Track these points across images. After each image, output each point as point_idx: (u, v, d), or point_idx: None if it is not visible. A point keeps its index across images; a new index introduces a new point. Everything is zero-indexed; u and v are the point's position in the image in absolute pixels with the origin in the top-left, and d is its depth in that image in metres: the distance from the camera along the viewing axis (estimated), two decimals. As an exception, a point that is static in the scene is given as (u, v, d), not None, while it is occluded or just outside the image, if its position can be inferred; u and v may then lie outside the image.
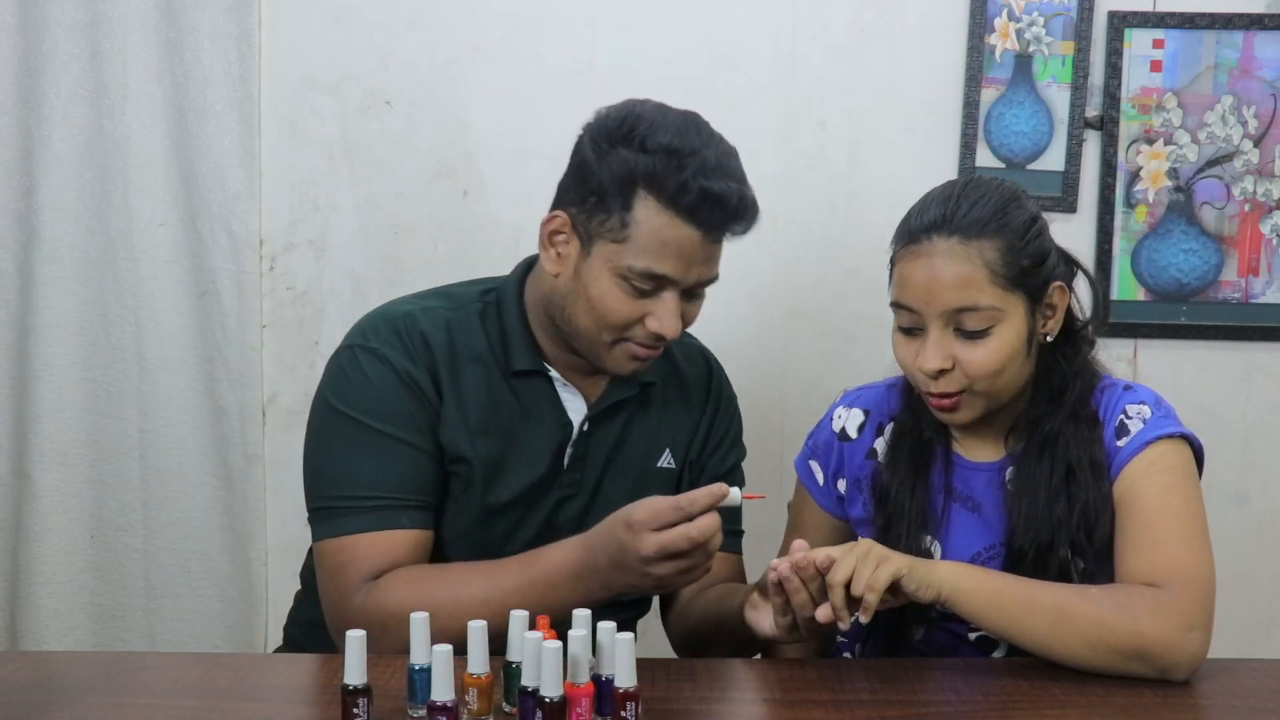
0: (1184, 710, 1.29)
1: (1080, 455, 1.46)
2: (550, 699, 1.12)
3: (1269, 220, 2.28)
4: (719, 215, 1.45)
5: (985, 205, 1.44)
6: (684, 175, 1.42)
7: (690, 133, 1.45)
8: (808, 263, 2.28)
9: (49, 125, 2.21)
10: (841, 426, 1.63)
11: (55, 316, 2.24)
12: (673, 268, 1.45)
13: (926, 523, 1.52)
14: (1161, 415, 1.47)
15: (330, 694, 1.25)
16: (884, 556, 1.32)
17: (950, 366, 1.43)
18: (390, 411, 1.49)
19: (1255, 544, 2.35)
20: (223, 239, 2.25)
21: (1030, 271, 1.44)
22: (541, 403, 1.57)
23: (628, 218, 1.44)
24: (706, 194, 1.43)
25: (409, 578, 1.44)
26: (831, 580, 1.30)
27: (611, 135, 1.47)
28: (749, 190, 1.48)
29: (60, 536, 2.27)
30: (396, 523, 1.47)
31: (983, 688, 1.35)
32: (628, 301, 1.47)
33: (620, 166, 1.44)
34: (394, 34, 2.26)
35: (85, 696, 1.28)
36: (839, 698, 1.31)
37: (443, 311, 1.56)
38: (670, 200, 1.43)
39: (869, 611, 1.30)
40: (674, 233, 1.44)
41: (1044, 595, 1.36)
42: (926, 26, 2.26)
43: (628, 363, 1.52)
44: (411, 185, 2.28)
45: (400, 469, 1.48)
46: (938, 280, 1.42)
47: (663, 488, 1.62)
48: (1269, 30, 2.24)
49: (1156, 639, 1.33)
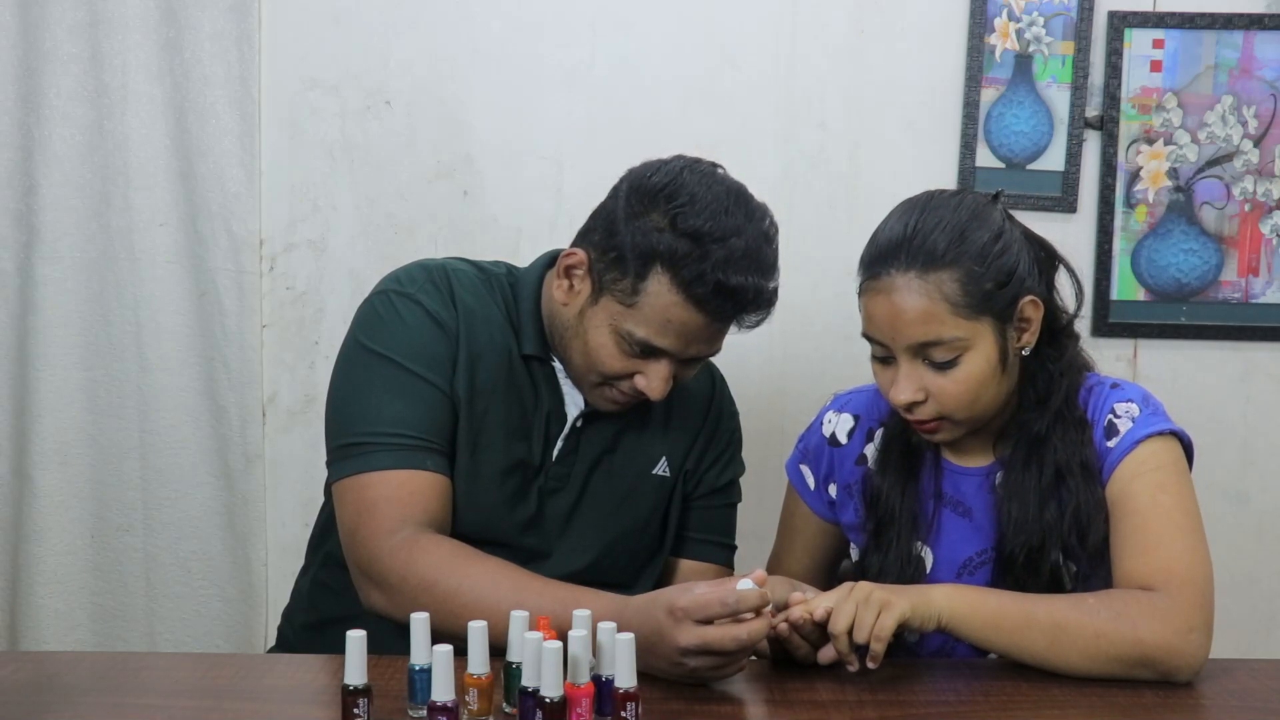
0: (1184, 710, 1.29)
1: (1069, 458, 1.45)
2: (550, 699, 1.12)
3: (1269, 220, 2.28)
4: (730, 308, 1.45)
5: (942, 232, 1.40)
6: (704, 265, 1.41)
7: (727, 216, 1.43)
8: (808, 263, 2.28)
9: (49, 125, 2.22)
10: (832, 432, 1.63)
11: (55, 316, 2.24)
12: (672, 344, 1.46)
13: (917, 528, 1.52)
14: (1150, 412, 1.46)
15: (330, 694, 1.25)
16: (885, 602, 1.30)
17: (923, 398, 1.42)
18: (422, 353, 1.49)
19: (1255, 544, 2.35)
20: (223, 239, 2.25)
21: (994, 294, 1.41)
22: (545, 389, 1.57)
23: (640, 286, 1.44)
24: (722, 288, 1.42)
25: (447, 552, 1.41)
26: (834, 630, 1.29)
27: (648, 199, 1.45)
28: (770, 282, 1.47)
29: (60, 536, 2.27)
30: (423, 464, 1.46)
31: (983, 688, 1.35)
32: (621, 359, 1.48)
33: (645, 237, 1.43)
34: (394, 34, 2.26)
35: (85, 696, 1.28)
36: (839, 698, 1.31)
37: (474, 275, 1.57)
38: (684, 286, 1.42)
39: (878, 660, 1.30)
40: (680, 313, 1.44)
41: (1040, 611, 1.35)
42: (926, 26, 2.26)
43: (607, 403, 1.54)
44: (411, 185, 2.28)
45: (429, 412, 1.48)
46: (900, 317, 1.40)
47: (656, 495, 1.63)
48: (1269, 30, 2.24)
49: (1156, 645, 1.32)
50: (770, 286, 1.47)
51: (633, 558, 1.63)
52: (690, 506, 1.68)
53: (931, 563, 1.53)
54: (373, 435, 1.46)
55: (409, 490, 1.45)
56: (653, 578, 1.66)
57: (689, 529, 1.69)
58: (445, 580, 1.36)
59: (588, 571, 1.54)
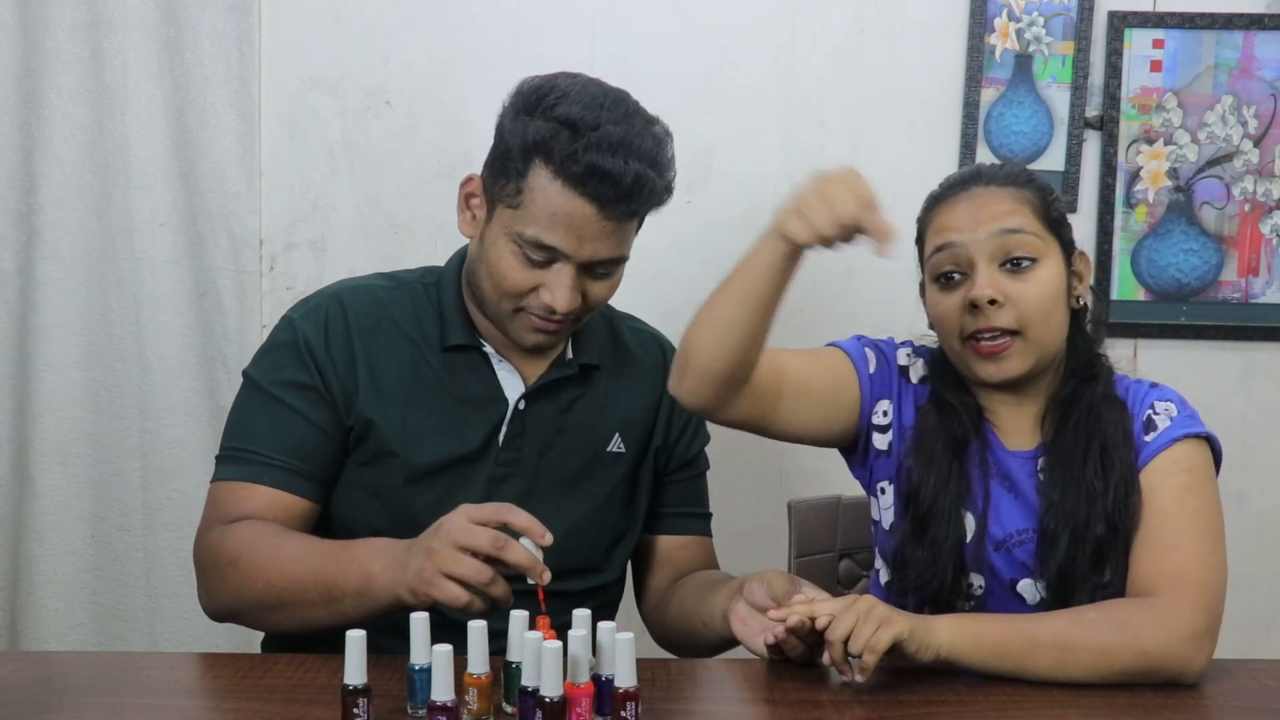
0: (1184, 710, 1.29)
1: (1114, 433, 1.46)
2: (550, 699, 1.12)
3: (1269, 220, 2.28)
4: (609, 192, 1.42)
5: (1015, 167, 1.54)
6: (576, 146, 1.41)
7: (601, 108, 1.44)
8: (807, 263, 2.27)
9: (50, 125, 2.22)
10: (906, 365, 1.58)
11: (56, 316, 2.24)
12: (562, 240, 1.44)
13: (962, 493, 1.49)
14: (1187, 415, 1.49)
15: (330, 694, 1.25)
16: (885, 618, 1.30)
17: (1003, 301, 1.43)
18: (279, 377, 1.54)
19: (1255, 544, 2.35)
20: (223, 239, 2.25)
21: (1062, 225, 1.50)
22: (474, 380, 1.57)
23: (523, 184, 1.45)
24: (596, 169, 1.41)
25: (255, 528, 1.48)
26: (831, 637, 1.29)
27: (525, 100, 1.48)
28: (652, 172, 1.45)
29: (61, 536, 2.27)
30: (259, 478, 1.51)
31: (983, 688, 1.35)
32: (522, 270, 1.47)
33: (522, 133, 1.45)
34: (394, 34, 2.26)
35: (85, 696, 1.28)
36: (839, 698, 1.31)
37: (378, 289, 1.60)
38: (560, 171, 1.42)
39: (866, 673, 1.29)
40: (565, 204, 1.43)
41: (1043, 633, 1.34)
42: (926, 26, 2.26)
43: (529, 334, 1.52)
44: (411, 185, 2.28)
45: (276, 429, 1.53)
46: (986, 209, 1.46)
47: (613, 473, 1.62)
48: (1269, 30, 2.24)
49: (1160, 654, 1.33)
50: (657, 177, 1.46)
51: (599, 539, 1.62)
52: (664, 483, 1.68)
53: (971, 532, 1.49)
54: (226, 449, 1.57)
55: (235, 499, 1.52)
56: (625, 559, 1.66)
57: (664, 505, 1.68)
58: (249, 548, 1.45)
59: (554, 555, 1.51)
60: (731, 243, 1.50)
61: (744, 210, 2.21)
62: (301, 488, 1.53)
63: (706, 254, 2.25)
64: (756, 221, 1.36)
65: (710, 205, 2.26)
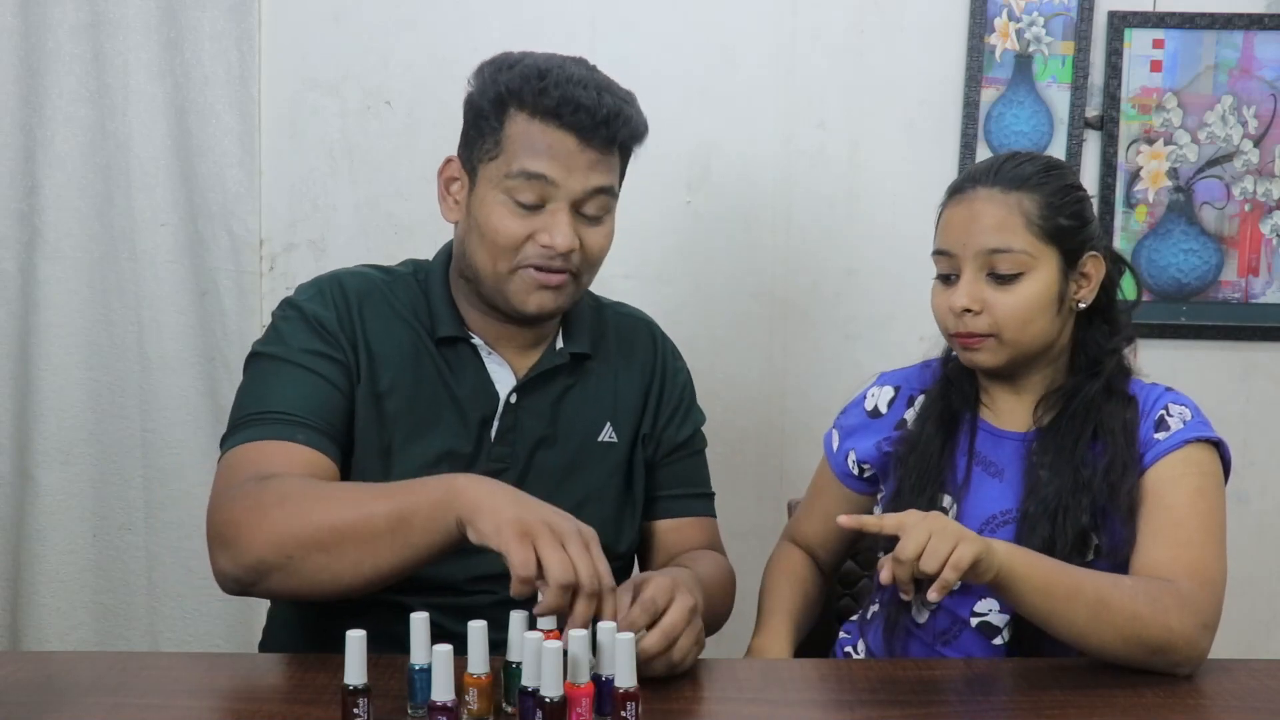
0: (1184, 710, 1.29)
1: (1111, 424, 1.49)
2: (550, 699, 1.12)
3: (1269, 220, 2.28)
4: (586, 119, 1.45)
5: (1032, 164, 1.53)
6: (545, 83, 1.45)
7: (564, 63, 1.49)
8: (807, 263, 2.28)
9: (51, 125, 2.22)
10: (874, 405, 1.67)
11: (57, 316, 2.25)
12: (549, 168, 1.46)
13: (944, 480, 1.54)
14: (1201, 420, 1.51)
15: (330, 694, 1.25)
16: (960, 534, 1.27)
17: (979, 310, 1.48)
18: (297, 346, 1.50)
19: (1255, 544, 2.35)
20: (223, 239, 2.25)
21: (1066, 230, 1.49)
22: (466, 373, 1.56)
23: (500, 135, 1.47)
24: (568, 99, 1.44)
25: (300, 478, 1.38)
26: (902, 555, 1.25)
27: (486, 69, 1.52)
28: (628, 105, 1.49)
29: (62, 535, 2.27)
30: (292, 436, 1.43)
31: (983, 688, 1.35)
32: (515, 218, 1.47)
33: (491, 89, 1.48)
34: (394, 34, 2.27)
35: (85, 696, 1.28)
36: (839, 698, 1.31)
37: (375, 277, 1.60)
38: (534, 109, 1.45)
39: (946, 589, 1.25)
40: (546, 137, 1.46)
41: (1088, 584, 1.35)
42: (926, 26, 2.27)
43: (531, 294, 1.50)
44: (411, 185, 2.28)
45: (302, 391, 1.47)
46: (975, 222, 1.49)
47: (605, 463, 1.61)
48: (1269, 30, 2.24)
49: (1181, 635, 1.35)
50: (628, 107, 1.49)
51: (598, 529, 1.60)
52: (657, 467, 1.66)
53: (954, 516, 1.52)
54: (244, 417, 1.46)
55: (268, 456, 1.41)
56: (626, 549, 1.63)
57: (659, 489, 1.66)
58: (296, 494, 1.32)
59: None
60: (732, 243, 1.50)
61: (744, 210, 2.21)
62: (332, 451, 1.45)
63: (706, 254, 2.26)
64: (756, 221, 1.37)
65: (710, 205, 2.26)
